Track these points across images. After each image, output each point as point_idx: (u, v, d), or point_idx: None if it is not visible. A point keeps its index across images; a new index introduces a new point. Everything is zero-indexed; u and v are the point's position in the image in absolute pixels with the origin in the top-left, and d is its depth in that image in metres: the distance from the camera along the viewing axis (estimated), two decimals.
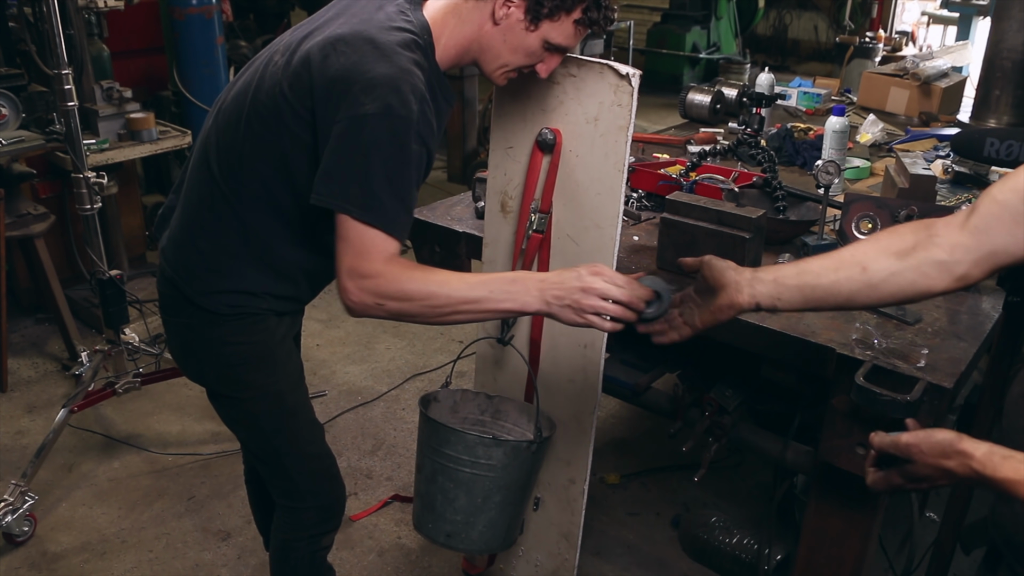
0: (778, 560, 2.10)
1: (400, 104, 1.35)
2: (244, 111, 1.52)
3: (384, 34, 1.41)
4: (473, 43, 1.51)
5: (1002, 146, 1.89)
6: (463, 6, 1.50)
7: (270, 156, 1.49)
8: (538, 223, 1.79)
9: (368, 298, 1.39)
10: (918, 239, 1.21)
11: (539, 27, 1.47)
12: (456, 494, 1.76)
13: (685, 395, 1.98)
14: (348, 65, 1.37)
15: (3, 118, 3.20)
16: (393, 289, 1.38)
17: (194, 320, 1.61)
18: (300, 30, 1.54)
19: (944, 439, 1.06)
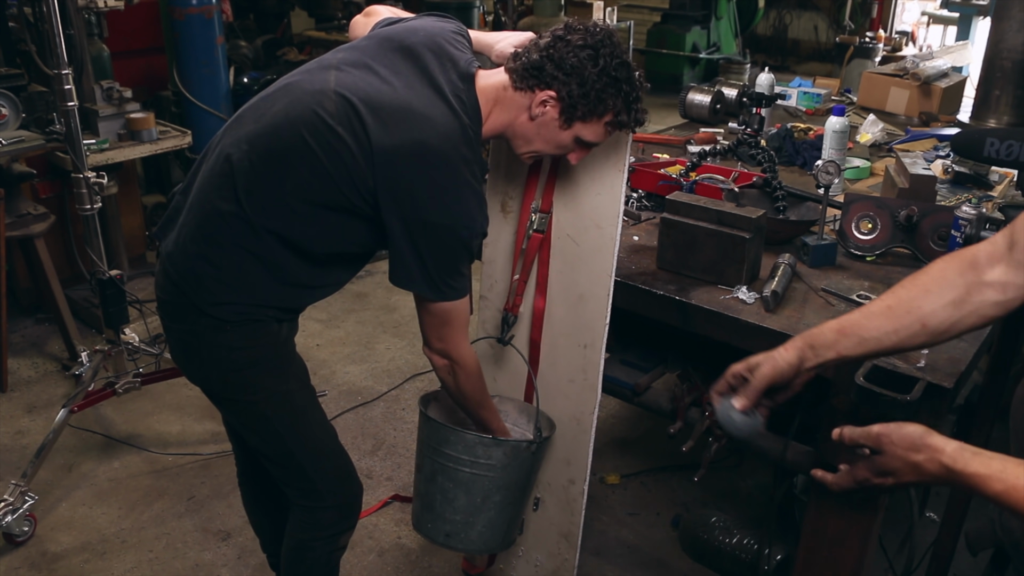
0: (778, 560, 2.10)
1: (466, 217, 1.53)
2: (287, 146, 1.52)
3: (450, 143, 1.51)
4: (508, 128, 1.61)
5: (1002, 146, 1.89)
6: (505, 95, 1.58)
7: (311, 199, 1.53)
8: (538, 223, 1.79)
9: (445, 357, 1.68)
10: (968, 283, 1.21)
11: (572, 127, 1.57)
12: (455, 494, 1.76)
13: (685, 395, 1.98)
14: (416, 175, 1.49)
15: (3, 118, 3.20)
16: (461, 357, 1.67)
17: (199, 327, 1.61)
18: (348, 77, 1.55)
19: (914, 431, 1.07)
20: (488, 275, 1.96)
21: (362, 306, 4.07)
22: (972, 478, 1.00)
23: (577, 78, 1.51)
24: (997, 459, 1.00)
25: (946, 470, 1.03)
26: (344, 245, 1.61)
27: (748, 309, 1.73)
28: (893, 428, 1.09)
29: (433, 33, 1.61)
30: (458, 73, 1.56)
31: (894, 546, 2.26)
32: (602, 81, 1.51)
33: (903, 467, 1.08)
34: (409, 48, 1.58)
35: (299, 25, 6.30)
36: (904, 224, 1.93)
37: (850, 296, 1.78)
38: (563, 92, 1.52)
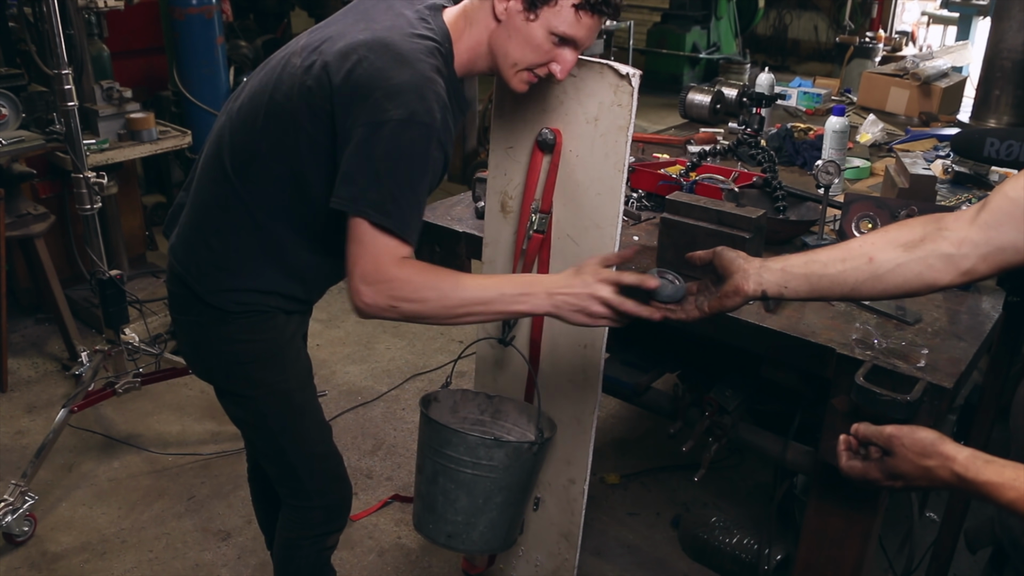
0: (778, 560, 2.11)
1: (424, 111, 1.37)
2: (260, 111, 1.52)
3: (407, 41, 1.42)
4: (482, 46, 1.52)
5: (1002, 146, 1.89)
6: (471, 8, 1.52)
7: (286, 157, 1.50)
8: (538, 223, 1.79)
9: (382, 300, 1.40)
10: (926, 231, 1.21)
11: (539, 15, 1.44)
12: (457, 495, 1.76)
13: (685, 395, 1.98)
14: (371, 71, 1.38)
15: (3, 118, 3.20)
16: (407, 292, 1.39)
17: (203, 318, 1.61)
18: (318, 32, 1.54)
19: (926, 437, 1.05)
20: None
21: None
22: (985, 486, 1.00)
23: None
24: (1010, 467, 1.00)
25: (958, 478, 1.02)
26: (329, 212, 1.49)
27: (748, 309, 1.72)
28: (906, 432, 1.08)
29: None
30: (425, 5, 1.53)
31: (894, 546, 2.26)
32: None
33: (914, 471, 1.06)
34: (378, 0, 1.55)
35: (299, 25, 6.30)
36: None
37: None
38: None
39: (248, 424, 1.77)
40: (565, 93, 1.69)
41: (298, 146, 1.48)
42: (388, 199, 1.37)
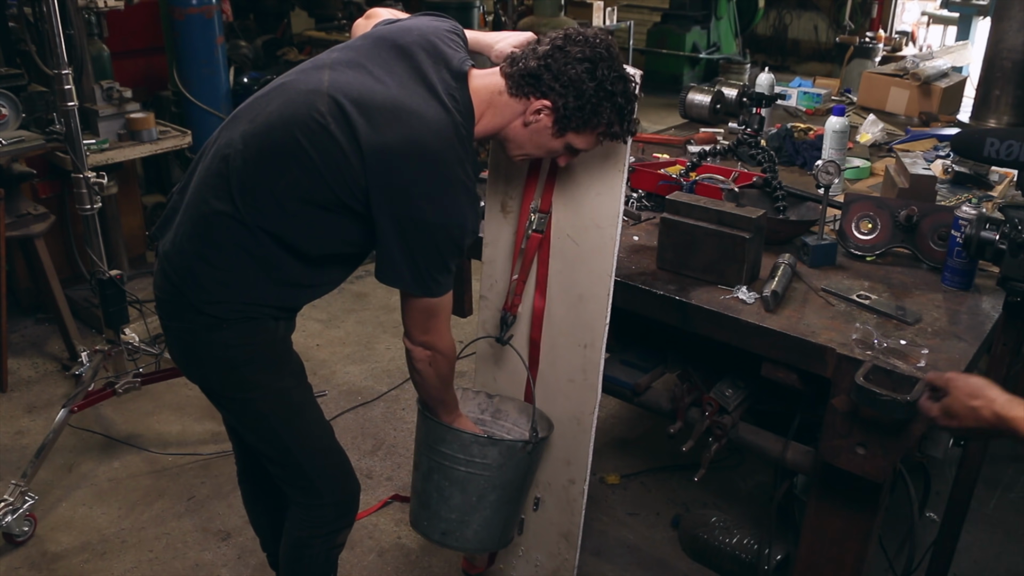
0: (778, 560, 2.10)
1: (457, 213, 1.52)
2: (280, 146, 1.52)
3: (442, 140, 1.50)
4: (501, 131, 1.61)
5: (1002, 146, 1.89)
6: (500, 99, 1.58)
7: (302, 198, 1.53)
8: (538, 223, 1.79)
9: (428, 350, 1.66)
10: None
11: (564, 136, 1.59)
12: (451, 492, 1.77)
13: (685, 395, 1.98)
14: (409, 172, 1.48)
15: (3, 118, 3.20)
16: (443, 347, 1.67)
17: (195, 325, 1.61)
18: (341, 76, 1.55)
19: (976, 382, 1.27)
20: (488, 275, 1.96)
21: (362, 306, 4.07)
22: (1014, 421, 1.19)
23: (574, 91, 1.52)
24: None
25: (996, 416, 1.21)
26: (338, 245, 1.61)
27: (748, 309, 1.73)
28: (962, 376, 1.29)
29: (427, 32, 1.62)
30: (451, 72, 1.56)
31: (894, 546, 2.26)
32: (598, 95, 1.53)
33: (963, 411, 1.26)
34: (403, 47, 1.58)
35: (299, 25, 6.30)
36: (904, 224, 1.94)
37: (850, 296, 1.78)
38: (559, 103, 1.53)
39: (249, 428, 1.76)
40: None
41: (320, 193, 1.52)
42: (430, 279, 1.56)
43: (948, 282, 1.87)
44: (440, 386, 1.74)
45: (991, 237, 1.58)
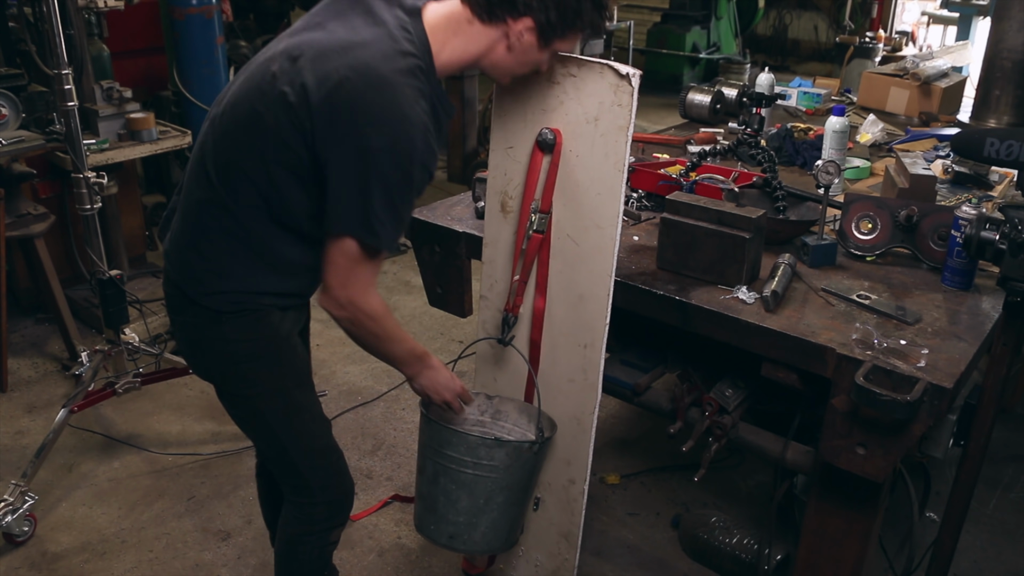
0: (778, 560, 2.10)
1: (405, 139, 1.44)
2: (241, 120, 1.52)
3: (388, 63, 1.44)
4: (480, 60, 1.58)
5: (1002, 146, 1.89)
6: (468, 29, 1.54)
7: (266, 166, 1.51)
8: (538, 223, 1.79)
9: (347, 308, 1.56)
10: None
11: (550, 46, 1.57)
12: (459, 495, 1.76)
13: (685, 395, 1.98)
14: (353, 96, 1.42)
15: (3, 118, 3.20)
16: (370, 308, 1.58)
17: (198, 319, 1.62)
18: (297, 37, 1.53)
19: None
20: (488, 275, 1.96)
21: None
22: None
23: (552, 1, 1.50)
24: None
25: None
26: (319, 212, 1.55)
27: (748, 309, 1.73)
28: None
29: None
30: (404, 9, 1.53)
31: (894, 546, 2.26)
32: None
33: None
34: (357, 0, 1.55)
35: None
36: (904, 224, 1.94)
37: (850, 296, 1.78)
38: (541, 18, 1.51)
39: (248, 423, 1.78)
40: (565, 93, 1.69)
41: (279, 157, 1.49)
42: (375, 220, 1.47)
43: (948, 282, 1.87)
44: (378, 344, 1.66)
45: (991, 237, 1.58)
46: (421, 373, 1.76)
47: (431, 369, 1.77)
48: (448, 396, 1.81)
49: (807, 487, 2.11)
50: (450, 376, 1.81)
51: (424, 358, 1.75)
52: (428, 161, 1.50)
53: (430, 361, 1.77)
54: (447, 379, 1.81)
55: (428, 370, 1.77)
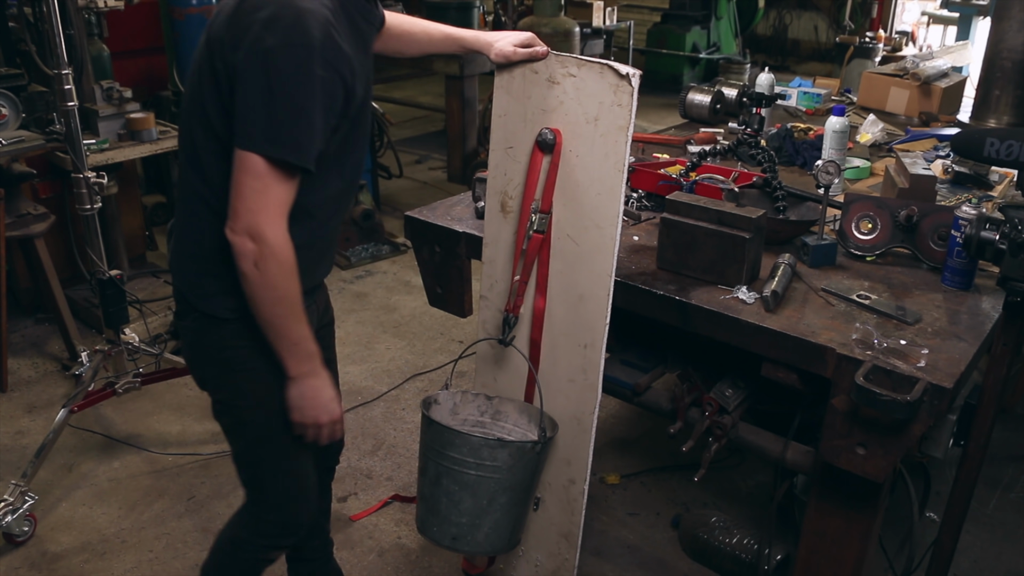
0: (778, 560, 2.11)
1: (301, 32, 1.35)
2: (189, 98, 1.52)
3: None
4: None
5: (1002, 146, 1.89)
6: None
7: (215, 134, 1.47)
8: (538, 223, 1.79)
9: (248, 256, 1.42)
10: None
11: None
12: (461, 496, 1.76)
13: (685, 395, 1.98)
14: (249, 8, 1.38)
15: (3, 118, 3.20)
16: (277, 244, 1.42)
17: (197, 324, 1.61)
18: None
19: None
20: (488, 275, 1.96)
21: (362, 306, 4.07)
22: None
23: None
24: None
25: None
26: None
27: (748, 309, 1.73)
28: None
29: None
30: None
31: (894, 546, 2.26)
32: None
33: None
34: None
35: None
36: (904, 224, 1.94)
37: (850, 296, 1.78)
38: None
39: (229, 430, 1.74)
40: (565, 93, 1.69)
41: (221, 118, 1.44)
42: (278, 130, 1.37)
43: (948, 282, 1.87)
44: (276, 305, 1.47)
45: (991, 237, 1.58)
46: (306, 377, 1.57)
47: (319, 379, 1.59)
48: (323, 419, 1.62)
49: (807, 487, 2.11)
50: (334, 398, 1.63)
51: (315, 359, 1.58)
52: (334, 59, 1.39)
53: (320, 368, 1.59)
54: (330, 400, 1.62)
55: (315, 378, 1.58)
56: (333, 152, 1.52)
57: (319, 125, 1.41)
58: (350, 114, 1.50)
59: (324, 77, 1.38)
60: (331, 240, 1.74)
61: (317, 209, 1.58)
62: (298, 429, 1.63)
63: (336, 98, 1.43)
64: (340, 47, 1.40)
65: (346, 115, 1.48)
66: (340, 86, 1.42)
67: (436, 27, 1.90)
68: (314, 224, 1.59)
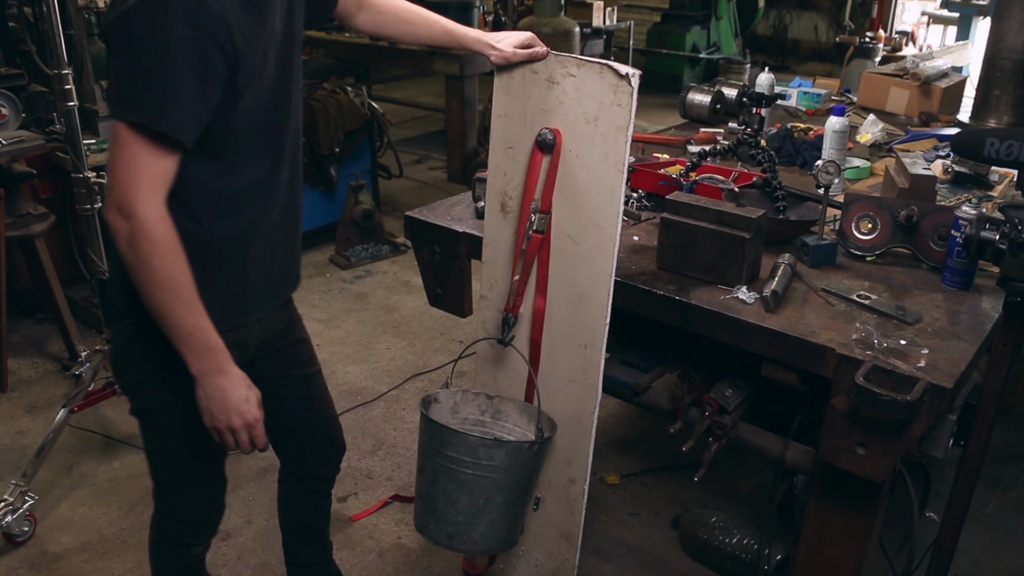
0: (778, 560, 2.11)
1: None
2: None
3: None
4: None
5: (1002, 146, 1.88)
6: None
7: None
8: (538, 223, 1.79)
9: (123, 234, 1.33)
10: None
11: None
12: (458, 495, 1.76)
13: (685, 395, 1.98)
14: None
15: (3, 118, 3.20)
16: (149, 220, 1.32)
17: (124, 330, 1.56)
18: None
19: None
20: (488, 275, 1.96)
21: (362, 306, 4.08)
22: None
23: None
24: None
25: None
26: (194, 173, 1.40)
27: (748, 309, 1.73)
28: None
29: None
30: None
31: (894, 546, 2.26)
32: None
33: None
34: None
35: None
36: (904, 224, 1.94)
37: (850, 296, 1.78)
38: None
39: (142, 431, 1.70)
40: (565, 93, 1.69)
41: None
42: (137, 92, 1.27)
43: (948, 282, 1.87)
44: (158, 291, 1.35)
45: (991, 237, 1.58)
46: (210, 375, 1.44)
47: (224, 378, 1.45)
48: (236, 422, 1.48)
49: (807, 487, 2.11)
50: (247, 399, 1.49)
51: (218, 354, 1.43)
52: (198, 17, 1.27)
53: (227, 366, 1.45)
54: (241, 401, 1.47)
55: (220, 377, 1.45)
56: (243, 129, 1.42)
57: (186, 89, 1.28)
58: (242, 85, 1.37)
59: (186, 35, 1.26)
60: (273, 241, 1.59)
61: (240, 197, 1.48)
62: (213, 435, 1.52)
63: (210, 61, 1.30)
64: (205, 3, 1.27)
65: (235, 85, 1.36)
66: (213, 47, 1.29)
67: (438, 21, 1.85)
68: (239, 215, 1.49)
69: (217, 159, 1.41)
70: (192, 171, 1.38)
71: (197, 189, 1.42)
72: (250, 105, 1.41)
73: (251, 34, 1.37)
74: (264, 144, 1.50)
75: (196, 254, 1.40)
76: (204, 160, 1.40)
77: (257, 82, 1.41)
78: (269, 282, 1.64)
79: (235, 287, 1.54)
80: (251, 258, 1.56)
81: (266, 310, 1.67)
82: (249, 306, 1.61)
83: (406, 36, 1.87)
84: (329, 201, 4.67)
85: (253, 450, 1.55)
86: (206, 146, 1.38)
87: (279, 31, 1.47)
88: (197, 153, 1.38)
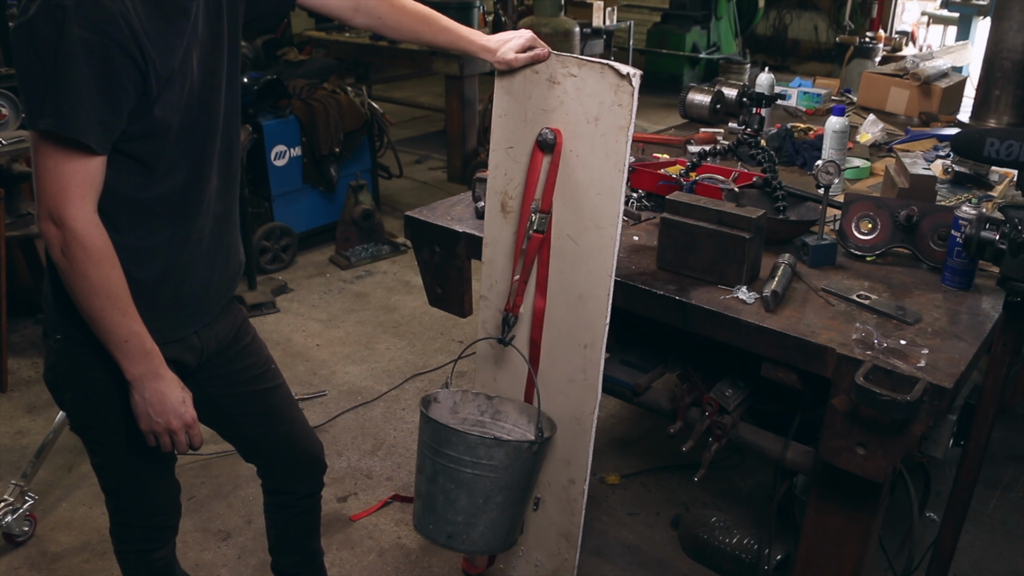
0: (778, 560, 2.11)
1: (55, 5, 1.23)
2: None
3: None
4: None
5: (1002, 146, 1.89)
6: None
7: None
8: (538, 223, 1.79)
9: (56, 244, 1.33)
10: None
11: None
12: (457, 495, 1.76)
13: (685, 395, 1.98)
14: None
15: (3, 118, 3.20)
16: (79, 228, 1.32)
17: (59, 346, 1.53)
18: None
19: None
20: (488, 275, 1.96)
21: (362, 306, 4.08)
22: None
23: None
24: None
25: None
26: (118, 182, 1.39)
27: (748, 309, 1.73)
28: None
29: None
30: None
31: (894, 546, 2.26)
32: None
33: None
34: None
35: (299, 25, 6.31)
36: (904, 224, 1.94)
37: (850, 296, 1.78)
38: None
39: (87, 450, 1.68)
40: (565, 93, 1.69)
41: None
42: (41, 98, 1.27)
43: (948, 282, 1.87)
44: (93, 296, 1.36)
45: (991, 237, 1.58)
46: (147, 379, 1.46)
47: (161, 381, 1.47)
48: (175, 424, 1.50)
49: (807, 487, 2.11)
50: (183, 401, 1.51)
51: (154, 359, 1.45)
52: (98, 19, 1.24)
53: (162, 370, 1.47)
54: (178, 403, 1.50)
55: (157, 381, 1.47)
56: (164, 135, 1.39)
57: (89, 93, 1.26)
58: (156, 89, 1.33)
59: (87, 39, 1.24)
60: (208, 251, 1.56)
61: (162, 206, 1.45)
62: (149, 439, 1.52)
63: (115, 64, 1.27)
64: (103, 5, 1.24)
65: (148, 89, 1.33)
66: (118, 51, 1.26)
67: (440, 23, 1.79)
68: (165, 225, 1.47)
69: (140, 166, 1.39)
70: (110, 179, 1.36)
71: (116, 199, 1.39)
72: (169, 110, 1.38)
73: (160, 37, 1.33)
74: (188, 151, 1.45)
75: (122, 264, 1.39)
76: (125, 167, 1.38)
77: (177, 86, 1.38)
78: (206, 294, 1.61)
79: (165, 298, 1.51)
80: (182, 269, 1.52)
81: (203, 322, 1.63)
82: (183, 318, 1.58)
83: (406, 34, 1.82)
84: (329, 201, 4.67)
85: (189, 450, 1.57)
86: (126, 152, 1.37)
87: (202, 34, 1.43)
88: (118, 160, 1.36)
